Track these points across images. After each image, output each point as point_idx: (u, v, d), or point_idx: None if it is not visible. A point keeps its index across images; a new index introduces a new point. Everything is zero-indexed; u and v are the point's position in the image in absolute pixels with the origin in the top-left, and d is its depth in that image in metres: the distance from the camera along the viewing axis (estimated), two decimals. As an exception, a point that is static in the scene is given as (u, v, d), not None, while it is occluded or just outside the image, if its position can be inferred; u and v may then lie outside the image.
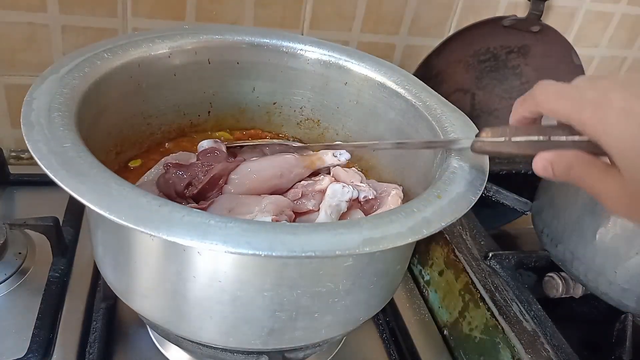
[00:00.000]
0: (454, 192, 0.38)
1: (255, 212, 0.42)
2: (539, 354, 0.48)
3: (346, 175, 0.50)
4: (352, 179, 0.50)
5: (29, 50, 0.66)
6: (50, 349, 0.47)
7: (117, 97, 0.47)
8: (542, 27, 0.80)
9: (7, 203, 0.64)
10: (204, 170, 0.47)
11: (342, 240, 0.31)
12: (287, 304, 0.37)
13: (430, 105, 0.50)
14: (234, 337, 0.39)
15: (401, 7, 0.77)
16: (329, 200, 0.46)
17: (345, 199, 0.46)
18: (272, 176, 0.48)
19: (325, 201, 0.46)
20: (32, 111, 0.36)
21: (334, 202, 0.46)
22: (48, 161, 0.32)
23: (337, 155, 0.52)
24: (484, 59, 0.81)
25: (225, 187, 0.47)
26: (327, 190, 0.47)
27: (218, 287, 0.36)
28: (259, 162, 0.50)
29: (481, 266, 0.57)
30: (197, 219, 0.30)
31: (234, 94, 0.57)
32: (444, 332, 0.59)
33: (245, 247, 0.29)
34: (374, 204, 0.48)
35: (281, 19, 0.73)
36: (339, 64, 0.56)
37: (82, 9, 0.65)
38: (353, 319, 0.43)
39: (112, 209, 0.30)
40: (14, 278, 0.53)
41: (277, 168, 0.49)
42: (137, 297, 0.41)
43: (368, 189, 0.48)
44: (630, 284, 0.54)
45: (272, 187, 0.48)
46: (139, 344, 0.50)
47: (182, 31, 0.52)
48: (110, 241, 0.41)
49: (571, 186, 0.57)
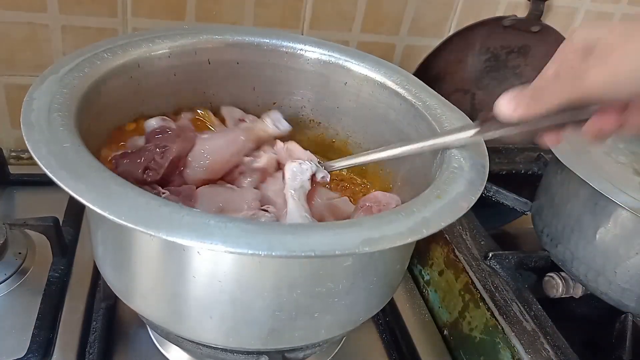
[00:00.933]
0: (454, 192, 0.38)
1: (245, 210, 0.42)
2: (539, 354, 0.48)
3: (303, 152, 0.49)
4: (309, 157, 0.49)
5: (29, 50, 0.66)
6: (50, 349, 0.47)
7: (117, 97, 0.47)
8: (542, 27, 0.80)
9: (7, 203, 0.64)
10: (160, 153, 0.44)
11: (341, 240, 0.31)
12: (286, 304, 0.37)
13: (430, 105, 0.50)
14: (234, 337, 0.39)
15: (401, 7, 0.77)
16: (290, 183, 0.44)
17: (306, 177, 0.45)
18: (228, 156, 0.48)
19: (287, 186, 0.44)
20: (32, 111, 0.36)
21: (296, 184, 0.44)
22: (48, 161, 0.32)
23: (277, 124, 0.51)
24: (484, 59, 0.81)
25: (185, 171, 0.46)
26: (285, 174, 0.45)
27: (218, 287, 0.36)
28: (212, 141, 0.48)
29: (481, 266, 0.57)
30: (197, 219, 0.30)
31: (234, 94, 0.57)
32: (444, 332, 0.59)
33: (245, 247, 0.29)
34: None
35: (281, 19, 0.73)
36: (338, 64, 0.56)
37: (82, 9, 0.65)
38: (353, 319, 0.43)
39: (112, 208, 0.30)
40: (14, 278, 0.53)
41: (231, 146, 0.48)
42: (137, 297, 0.41)
43: (322, 168, 0.47)
44: (630, 284, 0.54)
45: (228, 167, 0.48)
46: (139, 344, 0.50)
47: (182, 31, 0.52)
48: (110, 241, 0.41)
49: (571, 186, 0.57)
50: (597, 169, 0.55)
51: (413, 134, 0.51)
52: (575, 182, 0.55)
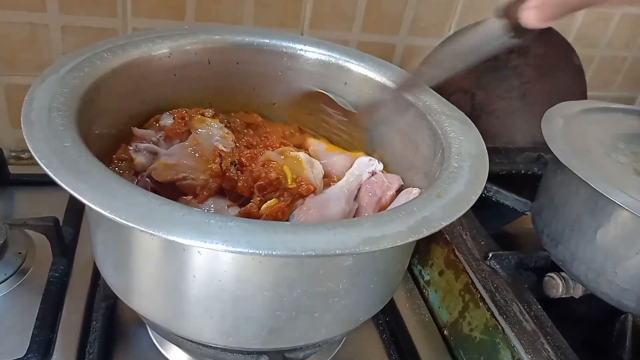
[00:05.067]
0: (454, 192, 0.38)
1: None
2: (539, 354, 0.48)
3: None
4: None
5: (29, 50, 0.66)
6: (50, 349, 0.47)
7: (117, 97, 0.47)
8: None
9: (7, 203, 0.64)
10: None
11: (342, 240, 0.31)
12: (286, 304, 0.37)
13: (430, 105, 0.50)
14: (234, 337, 0.39)
15: (401, 7, 0.77)
16: (352, 170, 0.51)
17: (368, 170, 0.51)
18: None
19: (351, 170, 0.51)
20: (32, 111, 0.36)
21: (357, 171, 0.51)
22: (48, 160, 0.32)
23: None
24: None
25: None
26: (354, 163, 0.52)
27: (218, 287, 0.36)
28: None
29: (481, 266, 0.57)
30: (198, 218, 0.30)
31: (234, 94, 0.57)
32: (444, 332, 0.59)
33: (246, 246, 0.29)
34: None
35: (281, 19, 0.73)
36: (338, 64, 0.56)
37: (82, 9, 0.65)
38: (353, 319, 0.43)
39: (112, 207, 0.30)
40: (14, 278, 0.53)
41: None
42: (137, 296, 0.41)
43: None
44: (630, 284, 0.54)
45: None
46: (139, 344, 0.50)
47: (182, 31, 0.52)
48: (110, 241, 0.41)
49: (571, 186, 0.57)
50: (597, 169, 0.55)
51: (413, 133, 0.51)
52: (575, 182, 0.55)
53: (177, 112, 0.51)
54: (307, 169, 0.49)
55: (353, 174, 0.51)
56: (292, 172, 0.48)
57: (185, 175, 0.46)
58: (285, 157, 0.49)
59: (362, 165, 0.52)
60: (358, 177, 0.51)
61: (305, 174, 0.49)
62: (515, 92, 0.81)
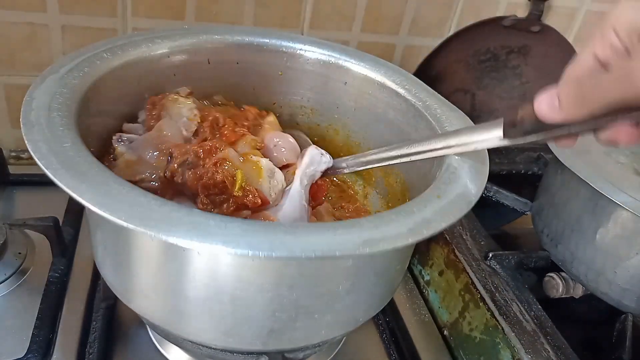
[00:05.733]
0: (454, 192, 0.38)
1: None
2: (539, 354, 0.48)
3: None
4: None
5: (28, 50, 0.66)
6: (50, 349, 0.47)
7: (116, 97, 0.47)
8: (542, 27, 0.80)
9: (7, 203, 0.64)
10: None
11: (342, 241, 0.31)
12: (286, 304, 0.37)
13: (430, 105, 0.50)
14: (234, 338, 0.39)
15: (401, 7, 0.77)
16: (304, 169, 0.44)
17: (320, 169, 0.45)
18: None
19: (301, 169, 0.44)
20: (32, 111, 0.36)
21: (310, 170, 0.45)
22: (47, 161, 0.32)
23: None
24: (484, 59, 0.81)
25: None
26: (304, 158, 0.45)
27: (218, 287, 0.36)
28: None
29: (481, 266, 0.57)
30: (197, 218, 0.30)
31: (234, 94, 0.57)
32: (444, 332, 0.59)
33: (245, 247, 0.29)
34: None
35: (281, 19, 0.73)
36: (338, 63, 0.56)
37: (82, 9, 0.64)
38: (353, 319, 0.43)
39: (112, 208, 0.29)
40: (14, 278, 0.53)
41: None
42: (137, 297, 0.41)
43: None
44: (630, 284, 0.54)
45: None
46: (139, 344, 0.50)
47: (182, 31, 0.52)
48: (110, 241, 0.41)
49: (571, 186, 0.57)
50: (597, 169, 0.55)
51: (413, 133, 0.51)
52: (575, 182, 0.55)
53: (149, 98, 0.49)
54: (265, 177, 0.44)
55: (306, 174, 0.46)
56: (244, 179, 0.43)
57: (143, 177, 0.43)
58: (245, 160, 0.45)
59: (314, 163, 0.47)
60: (311, 178, 0.47)
61: (259, 183, 0.44)
62: (515, 92, 0.81)
